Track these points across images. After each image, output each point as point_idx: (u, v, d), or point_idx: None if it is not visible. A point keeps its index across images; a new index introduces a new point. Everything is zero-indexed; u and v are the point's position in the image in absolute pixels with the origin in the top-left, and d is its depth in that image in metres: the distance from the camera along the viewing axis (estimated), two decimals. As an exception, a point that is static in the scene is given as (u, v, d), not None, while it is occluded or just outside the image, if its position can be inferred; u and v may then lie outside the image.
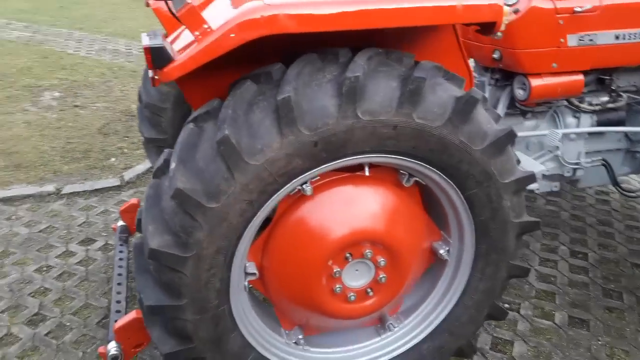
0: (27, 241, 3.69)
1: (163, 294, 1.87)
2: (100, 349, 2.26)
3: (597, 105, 3.05)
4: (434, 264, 2.35)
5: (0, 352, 2.72)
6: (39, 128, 5.64)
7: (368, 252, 2.04)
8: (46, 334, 2.84)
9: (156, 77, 1.73)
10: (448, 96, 1.89)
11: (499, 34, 2.64)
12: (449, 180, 2.02)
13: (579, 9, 2.66)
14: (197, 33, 1.73)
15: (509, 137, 2.00)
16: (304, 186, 1.95)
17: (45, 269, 3.40)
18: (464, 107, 1.89)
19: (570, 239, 3.80)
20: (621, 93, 3.07)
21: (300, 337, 2.24)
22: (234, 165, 1.72)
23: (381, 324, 2.37)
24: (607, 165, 3.16)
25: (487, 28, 1.94)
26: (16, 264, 3.43)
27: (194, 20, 1.72)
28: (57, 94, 6.70)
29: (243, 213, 1.80)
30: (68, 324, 2.92)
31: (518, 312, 3.08)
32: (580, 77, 2.84)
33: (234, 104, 1.77)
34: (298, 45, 1.84)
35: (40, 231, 3.81)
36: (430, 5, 1.80)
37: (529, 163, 2.86)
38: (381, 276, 2.11)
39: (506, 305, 3.13)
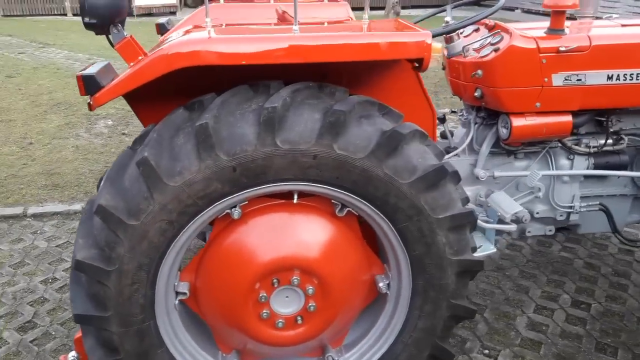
0: (43, 254, 3.97)
1: (90, 305, 1.98)
2: (61, 358, 2.40)
3: (594, 147, 2.92)
4: (378, 298, 2.32)
5: (-12, 354, 2.94)
6: (84, 152, 6.08)
7: (295, 279, 2.06)
8: (31, 341, 3.04)
9: (90, 102, 1.88)
10: (374, 130, 1.91)
11: (479, 72, 2.64)
12: (379, 213, 2.02)
13: (563, 49, 2.59)
14: (131, 64, 1.88)
15: (440, 173, 1.98)
16: (232, 210, 2.02)
17: (50, 280, 3.64)
18: (388, 141, 1.90)
19: (576, 288, 3.58)
20: (623, 136, 2.92)
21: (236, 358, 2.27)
22: (153, 186, 1.82)
23: (322, 356, 2.35)
24: (606, 211, 2.99)
25: (420, 65, 1.96)
26: (26, 275, 3.70)
27: (129, 52, 1.88)
28: (110, 122, 7.22)
29: (163, 232, 1.89)
30: (53, 332, 3.11)
31: (496, 359, 2.93)
32: (568, 117, 2.73)
33: (161, 129, 1.89)
34: (250, 78, 1.94)
35: (57, 246, 4.10)
36: (354, 43, 1.85)
37: (507, 203, 2.77)
38: (311, 305, 2.11)
39: (485, 351, 2.99)
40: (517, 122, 2.71)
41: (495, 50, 2.65)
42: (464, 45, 2.82)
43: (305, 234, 2.10)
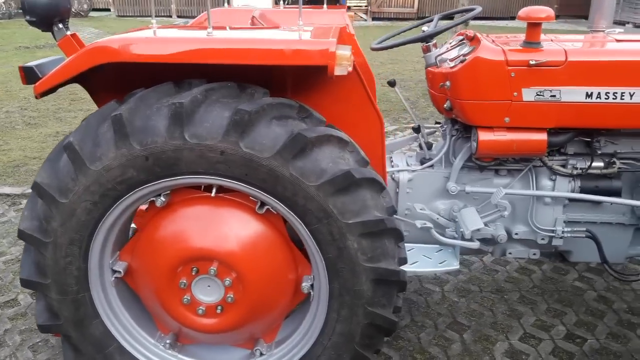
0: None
1: (34, 271, 2.22)
2: None
3: (579, 169, 2.73)
4: (309, 298, 2.36)
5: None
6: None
7: (212, 269, 2.17)
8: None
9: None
10: (283, 131, 1.97)
11: (447, 83, 2.61)
12: (291, 213, 2.08)
13: (533, 62, 2.47)
14: (69, 58, 2.10)
15: (347, 178, 2.00)
16: (157, 198, 2.18)
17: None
18: (293, 143, 1.95)
19: (577, 321, 3.33)
20: (615, 159, 2.71)
21: (169, 341, 2.42)
22: (78, 168, 2.03)
23: (253, 348, 2.44)
24: (594, 239, 2.78)
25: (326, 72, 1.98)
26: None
27: (69, 48, 2.10)
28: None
29: (89, 212, 2.09)
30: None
31: (455, 381, 2.84)
32: (542, 135, 2.59)
33: (91, 118, 2.10)
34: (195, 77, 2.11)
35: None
36: (260, 48, 1.94)
37: (470, 219, 2.68)
38: (229, 296, 2.21)
39: (452, 374, 2.90)
40: (484, 136, 2.62)
41: (462, 61, 2.59)
42: (437, 55, 2.78)
43: (225, 228, 2.20)
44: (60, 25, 2.07)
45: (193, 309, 2.25)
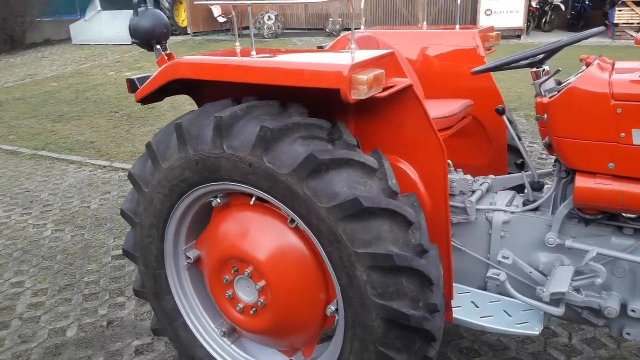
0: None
1: (131, 244, 2.70)
2: None
3: None
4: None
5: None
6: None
7: (247, 271, 2.32)
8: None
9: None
10: (304, 150, 2.02)
11: (545, 116, 2.31)
12: (309, 230, 2.10)
13: None
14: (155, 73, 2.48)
15: (355, 205, 1.93)
16: (214, 199, 2.43)
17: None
18: (307, 163, 1.98)
19: None
20: None
21: (225, 330, 2.65)
22: (155, 165, 2.41)
23: (291, 357, 2.51)
24: None
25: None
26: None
27: (162, 65, 2.49)
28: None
29: (162, 202, 2.46)
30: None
31: None
32: None
33: (171, 124, 2.45)
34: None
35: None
36: (277, 68, 2.03)
37: (557, 279, 2.25)
38: (261, 300, 2.33)
39: None
40: (582, 182, 2.17)
41: (559, 90, 2.19)
42: (542, 82, 2.38)
43: (263, 235, 2.31)
44: (158, 47, 2.49)
45: (234, 305, 2.44)
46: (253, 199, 2.33)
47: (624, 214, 2.26)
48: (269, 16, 18.27)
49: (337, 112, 2.31)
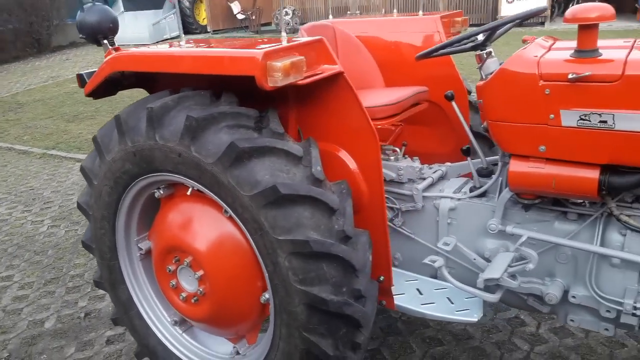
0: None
1: (89, 236, 2.77)
2: None
3: None
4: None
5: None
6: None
7: (186, 260, 2.36)
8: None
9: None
10: (227, 139, 2.04)
11: (480, 100, 2.28)
12: (238, 219, 2.12)
13: (573, 76, 1.90)
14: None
15: (274, 192, 1.94)
16: (157, 190, 2.47)
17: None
18: (229, 152, 2.00)
19: None
20: None
21: (177, 319, 2.70)
22: (101, 158, 2.47)
23: (235, 345, 2.54)
24: None
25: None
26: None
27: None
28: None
29: (109, 194, 2.51)
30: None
31: None
32: (593, 173, 1.96)
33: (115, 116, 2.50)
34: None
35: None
36: (194, 56, 2.06)
37: (494, 265, 2.21)
38: (200, 289, 2.36)
39: None
40: (515, 167, 2.12)
41: (491, 73, 2.14)
42: (481, 67, 2.33)
43: (200, 225, 2.34)
44: (105, 41, 2.54)
45: (177, 294, 2.48)
46: (190, 189, 2.36)
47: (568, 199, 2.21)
48: (286, 11, 18.33)
49: (278, 101, 2.32)
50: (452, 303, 2.43)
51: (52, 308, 3.71)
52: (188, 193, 2.38)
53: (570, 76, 1.89)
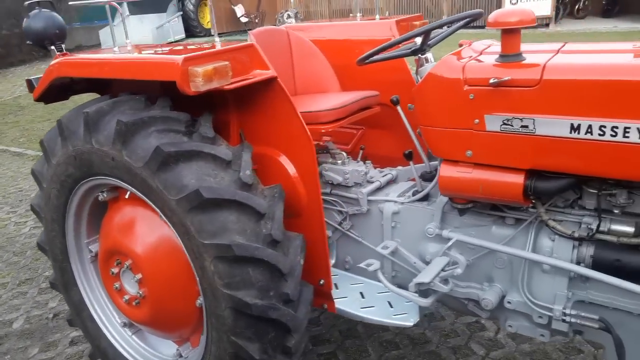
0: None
1: (43, 239, 2.81)
2: None
3: (581, 232, 1.97)
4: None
5: None
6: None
7: (127, 264, 2.39)
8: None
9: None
10: (155, 143, 2.06)
11: (410, 105, 2.29)
12: (170, 224, 2.14)
13: (494, 81, 1.89)
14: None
15: (198, 197, 1.96)
16: (101, 193, 2.50)
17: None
18: (156, 156, 2.02)
19: None
20: None
21: (125, 321, 2.73)
22: (48, 161, 2.51)
23: (179, 347, 2.56)
24: (610, 333, 1.97)
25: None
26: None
27: None
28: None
29: (57, 197, 2.55)
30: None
31: None
32: (517, 177, 1.95)
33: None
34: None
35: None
36: (129, 62, 2.08)
37: (426, 270, 2.20)
38: (140, 292, 2.39)
39: None
40: (445, 171, 2.12)
41: (422, 77, 2.15)
42: (418, 71, 2.34)
43: (139, 228, 2.38)
44: (52, 47, 2.58)
45: (121, 296, 2.51)
46: (128, 193, 2.39)
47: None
48: (288, 14, 18.39)
49: (218, 106, 2.34)
50: (392, 307, 2.43)
51: (22, 309, 3.76)
52: (126, 197, 2.40)
53: (491, 81, 1.89)
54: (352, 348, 3.11)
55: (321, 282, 2.42)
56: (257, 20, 19.37)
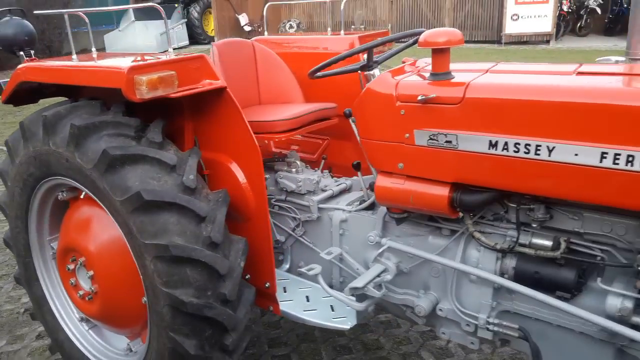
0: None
1: (8, 234, 2.93)
2: None
3: (504, 244, 2.07)
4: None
5: None
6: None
7: (80, 260, 2.50)
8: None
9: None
10: (105, 147, 2.17)
11: (352, 118, 2.40)
12: (117, 224, 2.25)
13: (421, 98, 2.00)
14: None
15: (139, 199, 2.07)
16: (60, 193, 2.62)
17: None
18: (103, 158, 2.13)
19: None
20: (560, 240, 1.96)
21: (83, 316, 2.83)
22: (12, 161, 2.63)
23: (131, 341, 2.67)
24: (529, 341, 2.05)
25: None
26: None
27: None
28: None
29: (20, 195, 2.67)
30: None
31: None
32: (443, 190, 2.05)
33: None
34: None
35: None
36: (81, 70, 2.21)
37: (363, 275, 2.30)
38: (93, 288, 2.50)
39: None
40: (381, 182, 2.22)
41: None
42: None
43: (92, 227, 2.49)
44: (21, 53, 2.71)
45: (76, 292, 2.62)
46: (83, 193, 2.51)
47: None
48: (290, 24, 18.61)
49: (175, 113, 2.46)
50: (333, 311, 2.53)
51: (-5, 303, 3.88)
52: (82, 196, 2.52)
53: (419, 98, 1.99)
54: (306, 351, 3.20)
55: (267, 285, 2.52)
56: (260, 29, 19.57)
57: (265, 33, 3.61)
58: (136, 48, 19.23)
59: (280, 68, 3.21)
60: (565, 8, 18.15)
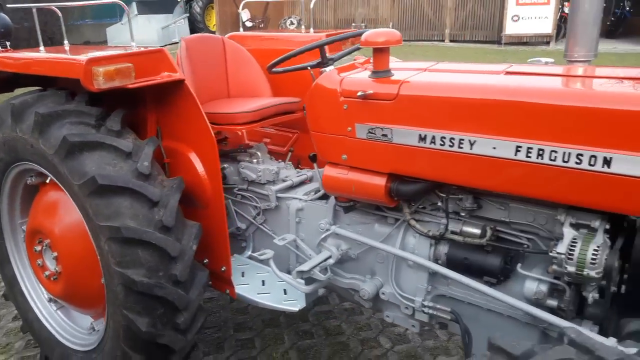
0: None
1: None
2: None
3: (435, 231, 2.19)
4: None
5: None
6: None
7: (46, 242, 2.63)
8: None
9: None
10: (66, 134, 2.29)
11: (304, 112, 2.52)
12: (77, 206, 2.38)
13: (360, 94, 2.12)
14: None
15: (94, 183, 2.19)
16: (29, 177, 2.75)
17: None
18: (64, 145, 2.26)
19: None
20: (488, 228, 2.07)
21: (50, 297, 2.96)
22: (-15, 143, 2.77)
23: (95, 320, 2.80)
24: (459, 322, 2.17)
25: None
26: None
27: None
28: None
29: (-9, 179, 2.81)
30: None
31: None
32: (381, 180, 2.17)
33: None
34: None
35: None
36: (43, 61, 2.34)
37: (310, 260, 2.43)
38: (57, 269, 2.63)
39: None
40: (328, 171, 2.35)
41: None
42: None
43: (58, 210, 2.63)
44: (-5, 44, 2.86)
45: (43, 272, 2.75)
46: (49, 178, 2.64)
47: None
48: (291, 21, 18.71)
49: (139, 104, 2.59)
50: (286, 294, 2.65)
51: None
52: (47, 181, 2.65)
53: (358, 94, 2.11)
54: (270, 336, 3.32)
55: (223, 269, 2.64)
56: (261, 25, 19.70)
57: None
58: (137, 41, 19.37)
59: (249, 63, 3.32)
60: (566, 10, 18.17)
